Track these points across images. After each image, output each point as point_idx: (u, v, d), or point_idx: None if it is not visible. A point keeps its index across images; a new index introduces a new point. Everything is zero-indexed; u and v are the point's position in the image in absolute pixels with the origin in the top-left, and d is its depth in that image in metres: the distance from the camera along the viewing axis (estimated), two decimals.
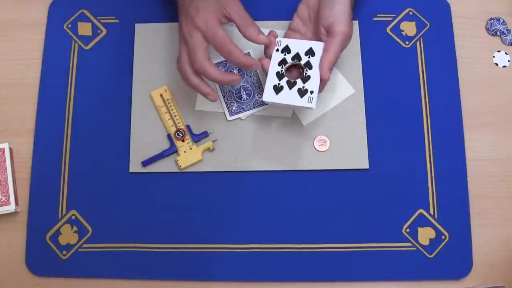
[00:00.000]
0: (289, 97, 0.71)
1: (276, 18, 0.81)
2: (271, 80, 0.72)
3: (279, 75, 0.72)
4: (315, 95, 0.70)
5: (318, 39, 0.73)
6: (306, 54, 0.72)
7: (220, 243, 0.74)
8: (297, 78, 0.72)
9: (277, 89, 0.72)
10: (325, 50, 0.71)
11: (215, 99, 0.72)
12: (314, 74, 0.71)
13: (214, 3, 0.70)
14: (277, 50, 0.73)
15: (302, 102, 0.70)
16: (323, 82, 0.71)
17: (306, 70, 0.71)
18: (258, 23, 0.76)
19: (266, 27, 0.81)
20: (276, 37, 0.73)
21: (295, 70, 0.74)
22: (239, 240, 0.74)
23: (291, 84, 0.71)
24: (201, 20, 0.69)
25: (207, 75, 0.70)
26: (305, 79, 0.71)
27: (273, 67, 0.73)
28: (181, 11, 0.72)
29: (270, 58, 0.73)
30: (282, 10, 0.81)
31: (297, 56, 0.72)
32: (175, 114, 0.78)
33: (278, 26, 0.80)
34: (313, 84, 0.71)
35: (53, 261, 0.74)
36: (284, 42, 0.73)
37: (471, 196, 0.75)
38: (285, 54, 0.73)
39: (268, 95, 0.72)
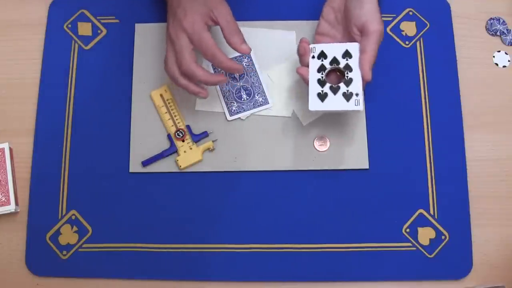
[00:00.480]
0: (335, 103, 0.70)
1: (275, 18, 0.81)
2: (314, 88, 0.71)
3: (321, 82, 0.71)
4: (361, 97, 0.69)
5: (350, 39, 0.72)
6: (343, 57, 0.71)
7: (220, 243, 0.74)
8: (338, 83, 0.70)
9: (322, 96, 0.70)
10: (362, 51, 0.70)
11: (206, 96, 0.72)
12: (356, 76, 0.70)
13: (201, 5, 0.70)
14: (313, 57, 0.72)
15: (350, 106, 0.69)
16: (365, 82, 0.70)
17: (347, 73, 0.70)
18: (264, 23, 0.76)
19: (263, 26, 0.81)
20: (309, 43, 0.72)
21: (333, 74, 0.72)
22: (239, 240, 0.74)
23: (335, 90, 0.70)
24: (188, 23, 0.69)
25: (195, 77, 0.70)
26: (348, 82, 0.70)
27: (313, 75, 0.71)
28: (169, 12, 0.72)
29: (307, 66, 0.72)
30: (280, 10, 0.81)
31: (335, 60, 0.71)
32: (175, 114, 0.78)
33: (284, 26, 0.80)
34: (356, 86, 0.70)
35: (53, 261, 0.74)
36: (319, 47, 0.72)
37: (471, 196, 0.75)
38: (322, 60, 0.71)
39: (314, 104, 0.70)
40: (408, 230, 0.74)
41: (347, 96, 0.70)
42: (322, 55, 0.71)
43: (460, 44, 0.81)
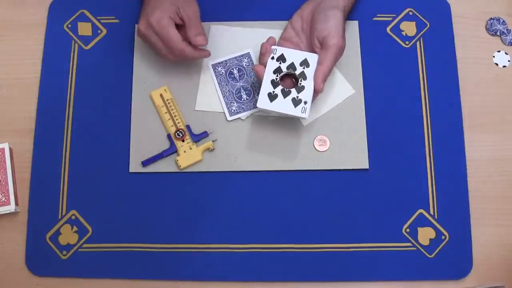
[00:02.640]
0: (283, 105, 0.72)
1: (275, 18, 0.81)
2: (266, 87, 0.73)
3: (274, 83, 0.73)
4: (308, 105, 0.72)
5: (311, 50, 0.75)
6: (301, 64, 0.73)
7: (220, 243, 0.74)
8: (291, 88, 0.73)
9: (272, 96, 0.73)
10: (319, 62, 0.73)
11: (209, 54, 0.76)
12: (308, 85, 0.73)
13: (169, 4, 0.73)
14: (273, 58, 0.74)
15: (296, 111, 0.72)
16: (316, 93, 0.73)
17: (301, 81, 0.73)
18: (263, 23, 0.79)
19: (263, 26, 0.81)
20: (273, 45, 0.74)
21: (288, 79, 0.75)
22: (239, 240, 0.74)
23: (285, 93, 0.73)
24: (154, 19, 0.72)
25: (185, 54, 0.73)
26: (300, 89, 0.73)
27: (268, 75, 0.74)
28: (142, 8, 0.75)
29: (265, 66, 0.74)
30: (279, 10, 0.82)
31: (292, 66, 0.73)
32: (175, 114, 0.78)
33: (283, 27, 0.80)
34: (307, 94, 0.72)
35: (53, 261, 0.74)
36: (280, 50, 0.74)
37: (471, 196, 0.75)
38: (280, 63, 0.74)
39: (263, 102, 0.73)
40: (408, 230, 0.74)
41: (296, 102, 0.72)
42: (281, 58, 0.74)
43: (460, 44, 0.81)
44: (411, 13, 0.82)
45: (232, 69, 0.80)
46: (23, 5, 0.83)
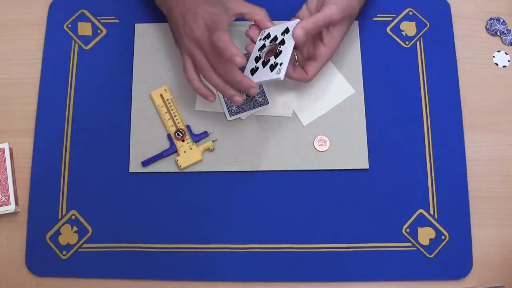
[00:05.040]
0: (261, 74, 0.70)
1: (275, 18, 0.81)
2: (250, 65, 0.72)
3: (257, 59, 0.72)
4: (284, 66, 0.68)
5: None
6: (282, 33, 0.71)
7: (220, 243, 0.74)
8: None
9: (253, 71, 0.71)
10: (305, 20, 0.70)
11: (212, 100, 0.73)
12: (287, 47, 0.70)
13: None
14: (260, 39, 0.73)
15: (272, 75, 0.69)
16: (299, 49, 0.71)
17: (280, 46, 0.71)
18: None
19: None
20: (261, 30, 0.74)
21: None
22: (239, 240, 0.74)
23: (264, 63, 0.71)
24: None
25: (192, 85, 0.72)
26: (277, 54, 0.70)
27: (253, 54, 0.73)
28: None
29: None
30: (279, 10, 0.82)
31: (274, 39, 0.72)
32: (175, 114, 0.78)
33: None
34: (284, 56, 0.69)
35: (53, 261, 0.74)
36: (267, 31, 0.73)
37: (471, 196, 0.75)
38: (265, 40, 0.73)
39: None
40: (408, 230, 0.74)
41: (272, 67, 0.70)
42: (267, 37, 0.72)
43: (460, 44, 0.81)
44: (411, 13, 0.82)
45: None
46: (23, 5, 0.83)
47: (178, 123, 0.77)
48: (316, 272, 0.73)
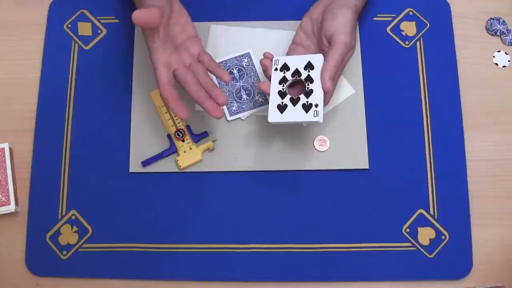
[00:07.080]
0: (294, 114, 0.68)
1: (275, 18, 0.82)
2: (274, 99, 0.70)
3: (281, 94, 0.70)
4: (320, 108, 0.67)
5: (321, 51, 0.72)
6: (305, 68, 0.70)
7: (220, 243, 0.74)
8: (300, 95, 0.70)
9: (281, 108, 0.69)
10: (325, 61, 0.69)
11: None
12: (317, 87, 0.68)
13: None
14: (276, 69, 0.71)
15: (308, 117, 0.68)
16: (326, 94, 0.69)
17: (308, 84, 0.69)
18: (263, 23, 0.78)
19: (263, 26, 0.81)
20: (271, 58, 0.72)
21: (298, 87, 0.72)
22: (239, 240, 0.74)
23: (294, 101, 0.69)
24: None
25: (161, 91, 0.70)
26: (308, 93, 0.69)
27: (274, 87, 0.71)
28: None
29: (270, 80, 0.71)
30: (279, 10, 0.82)
31: (297, 72, 0.70)
32: (175, 114, 0.77)
33: (283, 26, 0.80)
34: (316, 97, 0.68)
35: (53, 261, 0.74)
36: (282, 60, 0.72)
37: (471, 196, 0.75)
38: (284, 72, 0.71)
39: (273, 115, 0.69)
40: (408, 230, 0.74)
41: (306, 107, 0.68)
42: (285, 68, 0.71)
43: (460, 44, 0.81)
44: (411, 13, 0.82)
45: (232, 69, 0.80)
46: (23, 5, 0.84)
47: (178, 123, 0.77)
48: (316, 272, 0.73)
